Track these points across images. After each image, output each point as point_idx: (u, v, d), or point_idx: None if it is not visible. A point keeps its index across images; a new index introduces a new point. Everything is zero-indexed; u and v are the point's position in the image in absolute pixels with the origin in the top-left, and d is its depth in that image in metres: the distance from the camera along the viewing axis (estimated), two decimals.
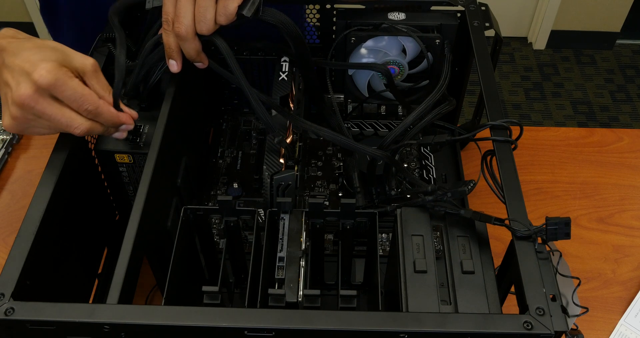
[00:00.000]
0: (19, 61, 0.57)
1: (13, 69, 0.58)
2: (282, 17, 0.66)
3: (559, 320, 0.49)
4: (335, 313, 0.49)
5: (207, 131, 0.94)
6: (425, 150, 0.91)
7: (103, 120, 0.61)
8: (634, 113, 2.29)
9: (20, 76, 0.57)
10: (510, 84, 2.39)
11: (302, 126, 0.71)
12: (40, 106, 0.57)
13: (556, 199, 0.91)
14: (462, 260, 0.57)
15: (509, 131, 0.63)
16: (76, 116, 0.59)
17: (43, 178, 0.59)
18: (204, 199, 0.86)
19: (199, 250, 0.70)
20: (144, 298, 0.77)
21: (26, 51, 0.59)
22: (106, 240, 0.75)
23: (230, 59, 0.65)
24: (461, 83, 0.88)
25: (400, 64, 0.83)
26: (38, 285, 0.55)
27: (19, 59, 0.58)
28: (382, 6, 0.82)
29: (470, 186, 0.60)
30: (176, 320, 0.48)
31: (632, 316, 0.78)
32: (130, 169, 0.68)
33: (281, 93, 0.74)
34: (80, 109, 0.59)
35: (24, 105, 0.57)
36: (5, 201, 0.91)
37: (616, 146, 0.98)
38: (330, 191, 0.86)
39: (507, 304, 0.58)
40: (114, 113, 0.62)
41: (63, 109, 0.58)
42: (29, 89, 0.56)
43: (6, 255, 0.53)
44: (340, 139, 0.69)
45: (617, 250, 0.85)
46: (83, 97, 0.59)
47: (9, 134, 0.96)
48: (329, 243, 0.79)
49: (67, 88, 0.58)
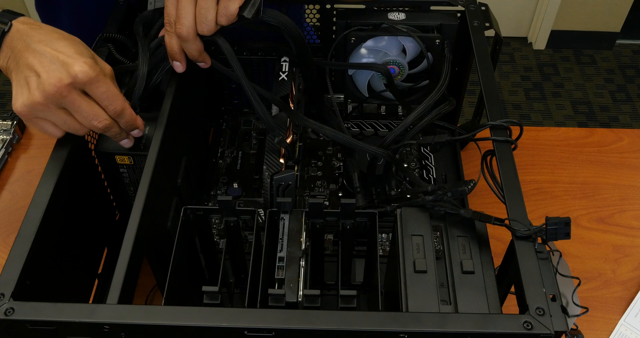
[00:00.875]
0: (50, 50, 0.58)
1: (43, 55, 0.58)
2: (283, 19, 0.67)
3: (558, 320, 0.49)
4: (335, 313, 0.49)
5: (207, 131, 0.94)
6: (425, 150, 0.91)
7: (123, 121, 0.63)
8: (634, 113, 2.29)
9: (53, 64, 0.58)
10: (510, 84, 2.39)
11: (303, 122, 0.71)
12: (72, 97, 0.58)
13: (556, 199, 0.91)
14: (462, 260, 0.57)
15: (509, 131, 0.63)
16: (102, 112, 0.61)
17: (43, 178, 0.59)
18: (204, 199, 0.86)
19: (199, 250, 0.70)
20: (144, 298, 0.77)
21: (57, 40, 0.60)
22: (106, 240, 0.75)
23: (232, 59, 0.65)
24: (461, 83, 0.88)
25: (400, 64, 0.83)
26: (38, 285, 0.55)
27: (51, 47, 0.59)
28: (382, 6, 0.82)
29: (470, 186, 0.60)
30: (176, 320, 0.48)
31: (632, 316, 0.78)
32: (130, 170, 0.68)
33: (281, 93, 0.74)
34: (109, 107, 0.61)
35: (55, 93, 0.57)
36: (5, 201, 0.91)
37: (616, 146, 0.98)
38: (330, 191, 0.86)
39: (507, 304, 0.58)
40: (134, 116, 0.64)
41: (92, 103, 0.60)
42: (66, 79, 0.57)
43: (6, 255, 0.53)
44: (341, 137, 0.70)
45: (617, 250, 0.85)
46: (115, 96, 0.61)
47: (9, 134, 0.96)
48: (329, 243, 0.79)
49: (101, 85, 0.59)
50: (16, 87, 0.60)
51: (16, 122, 0.97)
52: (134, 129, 0.64)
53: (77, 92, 0.59)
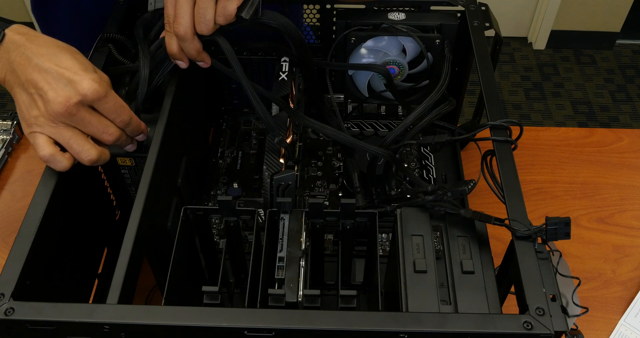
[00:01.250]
0: (54, 66, 0.58)
1: (47, 72, 0.57)
2: (282, 20, 0.67)
3: (558, 320, 0.49)
4: (335, 313, 0.49)
5: (207, 131, 0.94)
6: (425, 150, 0.91)
7: (130, 129, 0.62)
8: (634, 113, 2.29)
9: (59, 82, 0.57)
10: (510, 84, 2.39)
11: (303, 122, 0.71)
12: (81, 115, 0.58)
13: (556, 199, 0.91)
14: (462, 260, 0.57)
15: (509, 131, 0.63)
16: (111, 124, 0.61)
17: (43, 178, 0.59)
18: (204, 199, 0.86)
19: (199, 250, 0.70)
20: (144, 298, 0.77)
21: (59, 54, 0.59)
22: (106, 240, 0.75)
23: (232, 59, 0.65)
24: (461, 83, 0.88)
25: (400, 64, 0.83)
26: (38, 285, 0.55)
27: (54, 63, 0.58)
28: (382, 6, 0.82)
29: (471, 185, 0.60)
30: (176, 320, 0.48)
31: (632, 316, 0.78)
32: (132, 171, 0.68)
33: (281, 93, 0.74)
34: (117, 119, 0.61)
35: (64, 113, 0.57)
36: (5, 201, 0.91)
37: (616, 146, 0.98)
38: (330, 191, 0.86)
39: (507, 304, 0.58)
40: (139, 123, 0.63)
41: (101, 118, 0.60)
42: (74, 98, 0.57)
43: (6, 255, 0.53)
44: (342, 136, 0.70)
45: (617, 250, 0.85)
46: (122, 109, 0.61)
47: (9, 134, 0.96)
48: (329, 243, 0.79)
49: (109, 100, 0.59)
50: (21, 105, 0.59)
51: (16, 122, 0.97)
52: (139, 135, 0.64)
53: (87, 110, 0.59)
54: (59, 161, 0.58)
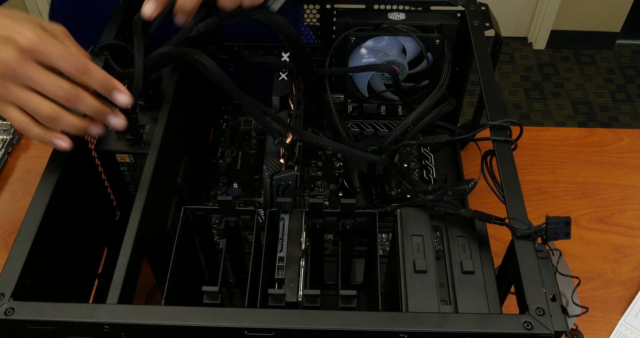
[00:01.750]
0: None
1: None
2: (276, 18, 0.66)
3: (558, 320, 0.49)
4: (335, 313, 0.49)
5: (207, 131, 0.94)
6: (425, 150, 0.91)
7: (95, 83, 0.57)
8: (634, 113, 2.29)
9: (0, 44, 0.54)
10: (510, 84, 2.39)
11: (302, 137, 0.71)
12: (26, 70, 0.54)
13: (556, 199, 0.91)
14: (462, 260, 0.57)
15: (509, 131, 0.63)
16: (64, 82, 0.55)
17: (43, 178, 0.59)
18: (204, 199, 0.86)
19: (199, 250, 0.70)
20: (144, 298, 0.77)
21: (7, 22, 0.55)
22: (106, 240, 0.75)
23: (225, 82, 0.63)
24: (461, 83, 0.88)
25: (400, 64, 0.83)
26: (38, 285, 0.55)
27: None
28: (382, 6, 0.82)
29: (471, 184, 0.60)
30: (176, 320, 0.48)
31: (632, 316, 0.78)
32: (131, 168, 0.68)
33: (281, 93, 0.74)
34: (69, 65, 0.55)
35: (7, 71, 0.53)
36: (5, 201, 0.91)
37: (616, 146, 0.98)
38: (330, 191, 0.86)
39: (507, 304, 0.58)
40: (104, 74, 0.57)
41: (50, 74, 0.55)
42: (13, 52, 0.53)
43: (6, 255, 0.53)
44: (340, 147, 0.70)
45: (617, 250, 0.85)
46: (72, 54, 0.55)
47: (9, 134, 0.96)
48: (329, 243, 0.79)
49: (51, 47, 0.54)
50: None
51: None
52: (114, 91, 0.58)
53: (33, 64, 0.54)
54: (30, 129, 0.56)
